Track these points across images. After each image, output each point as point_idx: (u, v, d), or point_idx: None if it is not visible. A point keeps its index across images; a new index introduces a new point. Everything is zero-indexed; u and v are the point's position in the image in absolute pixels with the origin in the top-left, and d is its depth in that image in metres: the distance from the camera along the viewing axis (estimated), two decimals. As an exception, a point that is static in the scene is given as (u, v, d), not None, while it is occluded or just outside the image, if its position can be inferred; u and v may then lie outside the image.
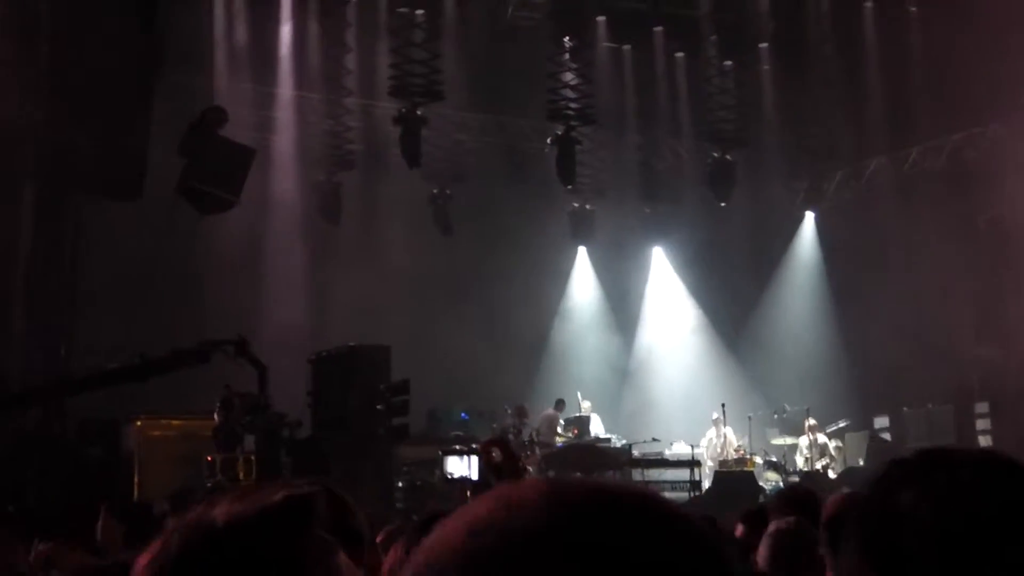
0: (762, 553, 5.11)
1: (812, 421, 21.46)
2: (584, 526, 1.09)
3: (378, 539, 4.55)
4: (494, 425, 20.57)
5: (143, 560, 1.68)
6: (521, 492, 1.13)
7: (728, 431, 21.75)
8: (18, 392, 17.36)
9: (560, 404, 21.85)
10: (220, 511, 1.65)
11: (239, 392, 17.01)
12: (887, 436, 22.99)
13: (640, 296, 27.07)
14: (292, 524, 1.66)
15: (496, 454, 4.36)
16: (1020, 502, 1.67)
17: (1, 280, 17.85)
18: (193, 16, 20.41)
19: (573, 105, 22.72)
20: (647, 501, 1.14)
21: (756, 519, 6.38)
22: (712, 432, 21.77)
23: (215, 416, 17.11)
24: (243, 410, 16.91)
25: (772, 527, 5.24)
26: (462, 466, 18.90)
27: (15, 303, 17.83)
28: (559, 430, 21.51)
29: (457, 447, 19.54)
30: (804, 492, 6.68)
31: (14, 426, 17.38)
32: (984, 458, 1.77)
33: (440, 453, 19.42)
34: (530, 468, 18.95)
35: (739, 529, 6.70)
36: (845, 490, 7.69)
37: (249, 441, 18.29)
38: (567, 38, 22.60)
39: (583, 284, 26.69)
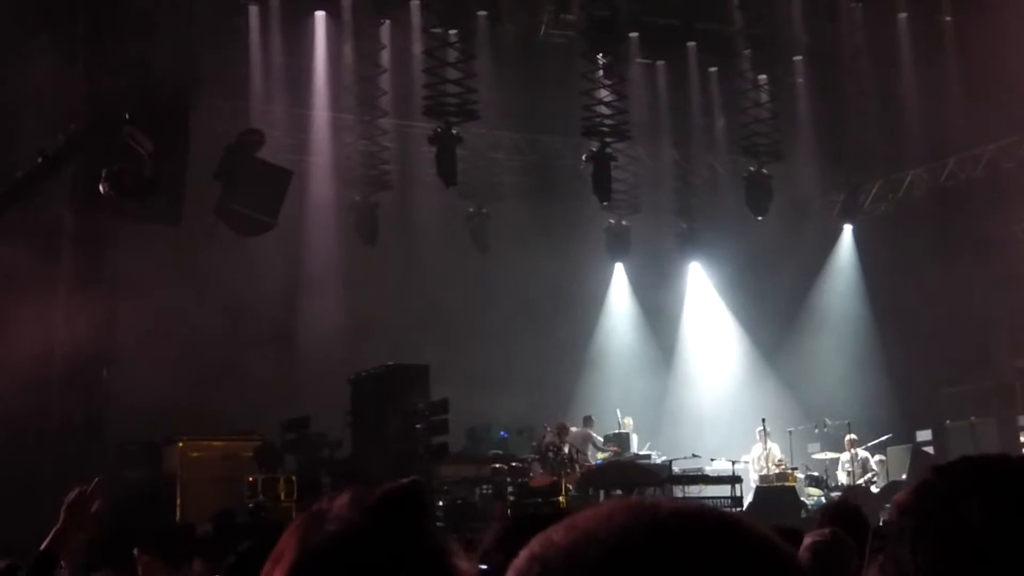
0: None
1: (853, 436, 21.28)
2: (672, 547, 1.18)
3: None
4: (533, 443, 20.52)
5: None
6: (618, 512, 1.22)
7: (773, 445, 21.63)
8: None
9: (588, 421, 21.81)
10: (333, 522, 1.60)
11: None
12: (930, 450, 22.78)
13: (678, 312, 26.98)
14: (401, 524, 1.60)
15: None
16: None
17: (41, 309, 17.71)
18: (229, 39, 20.50)
19: (607, 121, 22.59)
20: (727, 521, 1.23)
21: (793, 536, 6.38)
22: (759, 447, 21.62)
23: None
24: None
25: (808, 539, 5.24)
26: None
27: (53, 334, 17.68)
28: (599, 446, 21.48)
29: (497, 465, 19.56)
30: (848, 506, 6.67)
31: (52, 456, 17.37)
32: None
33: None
34: (570, 486, 18.91)
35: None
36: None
37: (290, 461, 18.38)
38: (600, 55, 22.57)
39: (621, 301, 26.63)
